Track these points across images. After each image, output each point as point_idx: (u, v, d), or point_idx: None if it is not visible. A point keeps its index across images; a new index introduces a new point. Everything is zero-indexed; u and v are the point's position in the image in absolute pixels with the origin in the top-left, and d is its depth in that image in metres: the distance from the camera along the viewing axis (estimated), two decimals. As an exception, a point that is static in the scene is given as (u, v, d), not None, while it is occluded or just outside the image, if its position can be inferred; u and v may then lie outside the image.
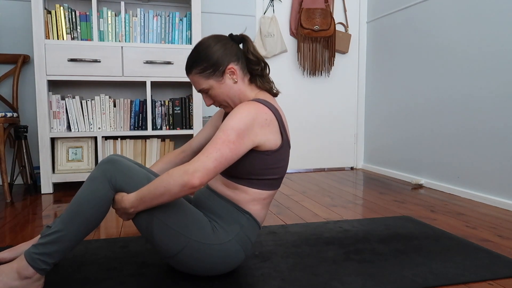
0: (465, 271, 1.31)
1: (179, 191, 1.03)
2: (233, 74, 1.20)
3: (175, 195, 1.04)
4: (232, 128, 1.08)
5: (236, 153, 1.08)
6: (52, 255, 1.08)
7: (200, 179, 1.02)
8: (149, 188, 1.07)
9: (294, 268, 1.32)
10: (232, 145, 1.07)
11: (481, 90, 2.33)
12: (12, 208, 2.13)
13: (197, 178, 1.02)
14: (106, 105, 2.62)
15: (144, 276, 1.25)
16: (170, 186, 1.03)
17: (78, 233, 1.10)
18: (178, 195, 1.05)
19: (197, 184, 1.02)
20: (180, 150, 1.43)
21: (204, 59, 1.18)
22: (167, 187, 1.04)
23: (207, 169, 1.03)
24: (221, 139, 1.06)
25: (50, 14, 2.48)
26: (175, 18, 2.69)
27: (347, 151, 3.63)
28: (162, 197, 1.05)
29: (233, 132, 1.07)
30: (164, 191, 1.04)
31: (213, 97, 1.22)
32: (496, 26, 2.23)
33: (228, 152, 1.06)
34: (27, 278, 1.07)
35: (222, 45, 1.20)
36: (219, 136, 1.07)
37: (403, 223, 1.85)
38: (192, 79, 1.22)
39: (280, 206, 2.20)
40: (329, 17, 3.30)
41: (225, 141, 1.06)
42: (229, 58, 1.19)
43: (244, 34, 1.26)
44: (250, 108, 1.11)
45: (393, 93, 3.17)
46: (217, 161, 1.05)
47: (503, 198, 2.20)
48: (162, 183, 1.05)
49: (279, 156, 1.19)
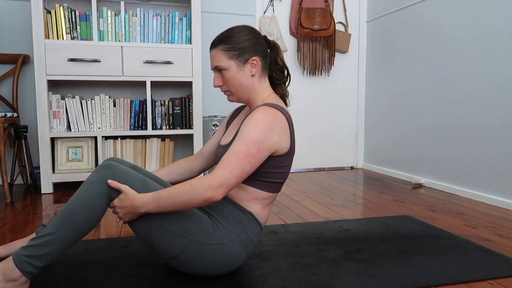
0: (465, 270, 1.31)
1: (201, 203, 1.05)
2: (254, 67, 1.21)
3: (195, 206, 1.06)
4: (254, 142, 1.09)
5: (255, 166, 1.11)
6: (40, 258, 1.05)
7: (222, 195, 1.06)
8: (169, 193, 1.06)
9: (294, 268, 1.32)
10: (253, 159, 1.09)
11: (481, 90, 2.33)
12: (12, 208, 2.13)
13: (220, 194, 1.05)
14: (106, 105, 2.62)
15: (144, 276, 1.25)
16: (194, 198, 1.04)
17: (69, 237, 1.07)
18: (198, 206, 1.06)
19: (219, 199, 1.06)
20: (193, 158, 1.46)
21: (235, 40, 1.19)
22: (190, 198, 1.04)
23: (230, 185, 1.06)
24: (243, 154, 1.07)
25: (50, 14, 2.48)
26: (175, 17, 2.68)
27: (347, 151, 3.63)
28: (181, 205, 1.06)
29: (254, 146, 1.09)
30: (186, 201, 1.05)
31: (225, 80, 1.22)
32: (496, 25, 2.23)
33: (249, 167, 1.09)
34: (12, 280, 1.04)
35: (256, 38, 1.23)
36: (241, 149, 1.08)
37: (403, 223, 1.85)
38: (214, 54, 1.22)
39: (280, 206, 2.20)
40: (329, 16, 3.30)
41: (247, 155, 1.08)
42: (257, 51, 1.21)
43: (276, 41, 1.28)
44: (269, 116, 1.12)
45: (393, 93, 3.16)
46: (239, 177, 1.07)
47: (503, 198, 2.20)
48: (185, 194, 1.04)
49: (284, 162, 1.20)
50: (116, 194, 1.11)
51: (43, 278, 1.23)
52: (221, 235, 1.16)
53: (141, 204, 1.08)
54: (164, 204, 1.06)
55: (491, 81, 2.26)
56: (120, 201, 1.11)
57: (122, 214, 1.11)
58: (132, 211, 1.09)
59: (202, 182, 1.04)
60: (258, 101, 1.26)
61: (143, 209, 1.08)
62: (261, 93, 1.25)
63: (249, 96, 1.25)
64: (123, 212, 1.11)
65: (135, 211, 1.09)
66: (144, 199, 1.08)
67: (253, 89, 1.24)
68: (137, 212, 1.09)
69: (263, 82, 1.26)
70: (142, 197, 1.08)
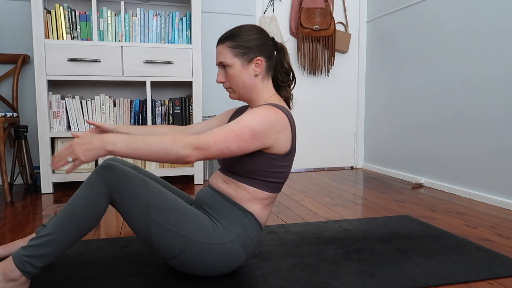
0: (465, 270, 1.31)
1: (174, 159, 1.02)
2: (258, 66, 1.22)
3: (168, 159, 1.02)
4: (249, 127, 1.08)
5: (243, 151, 1.09)
6: (40, 258, 1.05)
7: (197, 158, 1.04)
8: (147, 139, 1.01)
9: (294, 268, 1.32)
10: (242, 143, 1.07)
11: (481, 90, 2.33)
12: (12, 208, 2.13)
13: (195, 157, 1.03)
14: (106, 105, 2.62)
15: (144, 276, 1.25)
16: (171, 150, 1.00)
17: (69, 237, 1.07)
18: (169, 161, 1.03)
19: (192, 161, 1.04)
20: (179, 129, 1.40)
21: (243, 38, 1.20)
22: (167, 149, 1.00)
23: (208, 154, 1.04)
24: (235, 133, 1.06)
25: (50, 14, 2.48)
26: (175, 17, 2.68)
27: (347, 151, 3.63)
28: (154, 155, 1.01)
29: (249, 132, 1.08)
30: (161, 151, 1.00)
31: (229, 76, 1.22)
32: (496, 25, 2.23)
33: (236, 148, 1.07)
34: (13, 280, 1.04)
35: (263, 38, 1.23)
36: (234, 129, 1.07)
37: (403, 223, 1.85)
38: (220, 50, 1.22)
39: (280, 206, 2.20)
40: (329, 16, 3.30)
41: (237, 137, 1.06)
42: (263, 51, 1.22)
43: (283, 44, 1.30)
44: (270, 112, 1.13)
45: (393, 93, 3.16)
46: (221, 151, 1.06)
47: (503, 198, 2.20)
48: (163, 143, 1.01)
49: (284, 162, 1.20)
50: (116, 193, 1.11)
51: (43, 278, 1.23)
52: (221, 235, 1.16)
53: (112, 140, 0.99)
54: (136, 147, 0.99)
55: (491, 81, 2.26)
56: (84, 137, 1.00)
57: (81, 151, 0.98)
58: (96, 147, 0.98)
59: (184, 138, 1.03)
60: (260, 101, 1.26)
61: (111, 146, 0.98)
62: (264, 93, 1.26)
63: (251, 96, 1.25)
64: (84, 148, 0.98)
65: (100, 147, 0.98)
66: (117, 136, 1.00)
67: (255, 89, 1.24)
68: (101, 150, 0.99)
69: (266, 83, 1.26)
70: (114, 134, 1.01)
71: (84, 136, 1.00)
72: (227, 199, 1.22)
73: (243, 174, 1.19)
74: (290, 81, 1.30)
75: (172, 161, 1.02)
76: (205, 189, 1.29)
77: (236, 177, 1.20)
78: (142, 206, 1.11)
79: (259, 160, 1.16)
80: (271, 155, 1.16)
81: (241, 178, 1.20)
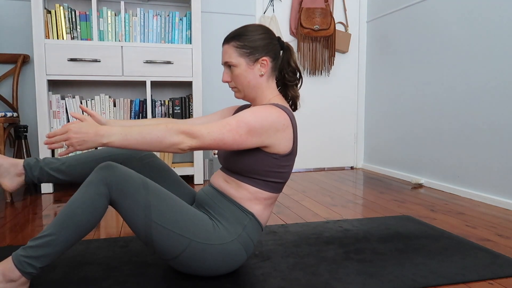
0: (465, 270, 1.31)
1: (168, 146, 1.03)
2: (263, 67, 1.22)
3: (162, 148, 1.04)
4: (247, 123, 1.08)
5: (238, 145, 1.09)
6: (40, 259, 1.04)
7: (189, 147, 1.05)
8: (141, 129, 1.03)
9: (294, 268, 1.32)
10: (238, 137, 1.08)
11: (480, 89, 2.33)
12: (12, 208, 2.13)
13: (188, 145, 1.04)
14: (106, 104, 2.62)
15: (144, 276, 1.25)
16: (165, 138, 1.02)
17: (69, 238, 1.06)
18: (164, 150, 1.04)
19: (185, 149, 1.05)
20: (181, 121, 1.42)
21: (248, 38, 1.20)
22: (161, 137, 1.02)
23: (201, 142, 1.05)
24: (231, 127, 1.07)
25: (50, 13, 2.48)
26: (175, 17, 2.68)
27: (347, 151, 3.63)
28: (149, 144, 1.03)
29: (245, 127, 1.08)
30: (156, 139, 1.02)
31: (234, 76, 1.23)
32: (496, 24, 2.23)
33: (230, 141, 1.07)
34: (12, 281, 1.04)
35: (269, 38, 1.23)
36: (231, 123, 1.08)
37: (403, 223, 1.85)
38: (225, 49, 1.23)
39: (280, 206, 2.20)
40: (329, 16, 3.30)
41: (232, 130, 1.07)
42: (268, 51, 1.22)
43: (289, 43, 1.30)
44: (271, 111, 1.13)
45: (393, 93, 3.16)
46: (215, 142, 1.06)
47: (503, 198, 2.20)
48: (157, 131, 1.03)
49: (285, 162, 1.20)
50: (116, 194, 1.10)
51: (43, 278, 1.23)
52: (222, 235, 1.16)
53: (107, 133, 1.02)
54: (132, 138, 1.02)
55: (491, 81, 2.26)
56: (80, 126, 1.03)
57: (77, 141, 1.02)
58: (91, 139, 1.02)
59: (177, 125, 1.04)
60: (263, 101, 1.27)
61: (106, 138, 1.02)
62: (268, 93, 1.26)
63: (256, 95, 1.26)
64: (80, 138, 1.02)
65: (95, 140, 1.02)
66: (113, 129, 1.03)
67: (260, 89, 1.25)
68: (97, 142, 1.02)
69: (270, 83, 1.27)
70: (110, 127, 1.04)
71: (81, 125, 1.03)
72: (228, 198, 1.22)
73: (245, 173, 1.19)
74: (297, 80, 1.31)
75: (165, 149, 1.04)
76: (206, 188, 1.29)
77: (237, 177, 1.20)
78: (142, 207, 1.10)
79: (261, 159, 1.16)
80: (273, 155, 1.16)
81: (243, 177, 1.20)
